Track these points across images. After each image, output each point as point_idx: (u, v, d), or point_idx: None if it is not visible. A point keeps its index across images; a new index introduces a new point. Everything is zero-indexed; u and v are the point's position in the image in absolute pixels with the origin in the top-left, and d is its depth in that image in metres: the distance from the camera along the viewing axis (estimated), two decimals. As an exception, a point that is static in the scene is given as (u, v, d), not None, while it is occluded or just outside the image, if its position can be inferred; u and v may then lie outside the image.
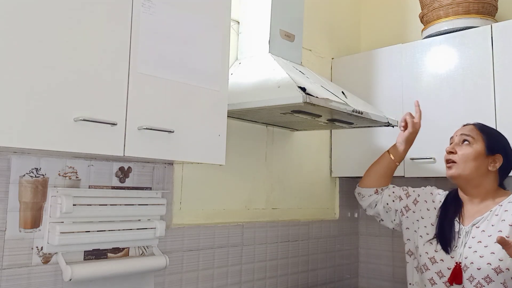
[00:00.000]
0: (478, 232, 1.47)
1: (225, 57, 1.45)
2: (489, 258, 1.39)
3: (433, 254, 1.52)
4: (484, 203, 1.51)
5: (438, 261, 1.49)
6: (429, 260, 1.52)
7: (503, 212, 1.46)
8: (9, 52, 1.00)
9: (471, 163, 1.49)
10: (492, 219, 1.46)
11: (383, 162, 1.79)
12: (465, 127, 1.58)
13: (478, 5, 2.06)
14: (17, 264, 1.28)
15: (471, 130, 1.54)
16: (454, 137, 1.58)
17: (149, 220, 1.54)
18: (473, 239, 1.46)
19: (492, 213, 1.48)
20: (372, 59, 2.34)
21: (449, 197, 1.63)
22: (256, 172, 2.04)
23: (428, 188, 1.72)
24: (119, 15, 1.18)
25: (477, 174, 1.50)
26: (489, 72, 1.93)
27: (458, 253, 1.46)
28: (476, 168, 1.49)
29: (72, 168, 1.41)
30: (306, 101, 1.46)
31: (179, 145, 1.30)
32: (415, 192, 1.73)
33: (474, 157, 1.49)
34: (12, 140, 1.00)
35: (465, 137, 1.53)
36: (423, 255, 1.55)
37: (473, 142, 1.51)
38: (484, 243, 1.43)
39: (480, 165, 1.50)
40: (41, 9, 1.05)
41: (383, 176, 1.78)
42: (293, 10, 1.97)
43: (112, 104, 1.16)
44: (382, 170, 1.78)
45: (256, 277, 1.96)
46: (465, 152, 1.50)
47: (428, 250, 1.54)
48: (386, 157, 1.79)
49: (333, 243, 2.39)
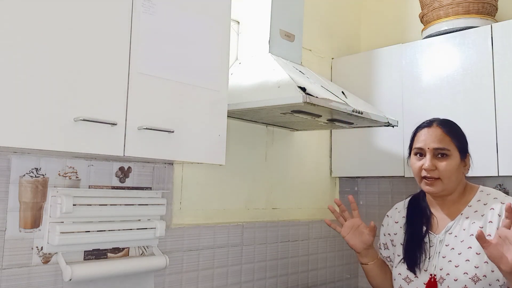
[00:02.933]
0: (451, 239, 1.38)
1: (225, 57, 1.45)
2: (465, 267, 1.32)
3: (406, 273, 1.42)
4: (455, 206, 1.43)
5: (413, 279, 1.41)
6: (404, 281, 1.43)
7: (473, 213, 1.39)
8: (9, 52, 1.00)
9: (454, 176, 1.39)
10: (464, 223, 1.38)
11: (372, 270, 1.57)
12: (432, 135, 1.41)
13: (478, 5, 2.06)
14: (17, 264, 1.28)
15: (443, 140, 1.40)
16: (425, 149, 1.41)
17: (149, 220, 1.54)
18: (447, 247, 1.38)
19: (462, 216, 1.40)
20: (372, 59, 2.34)
21: (411, 207, 1.53)
22: (256, 172, 2.04)
23: (386, 218, 1.62)
24: (119, 15, 1.18)
25: (457, 182, 1.42)
26: (489, 72, 1.93)
27: (432, 264, 1.38)
28: (457, 178, 1.40)
29: (72, 168, 1.41)
30: (306, 101, 1.46)
31: (179, 145, 1.30)
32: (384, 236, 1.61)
33: (456, 169, 1.39)
34: (12, 140, 1.00)
35: (440, 151, 1.39)
36: (397, 278, 1.45)
37: (450, 153, 1.38)
38: (458, 250, 1.35)
39: (459, 173, 1.41)
40: (41, 9, 1.05)
41: (384, 280, 1.57)
42: (293, 10, 1.97)
43: (112, 104, 1.16)
44: (379, 275, 1.57)
45: (256, 277, 1.96)
46: (447, 168, 1.37)
47: (401, 270, 1.44)
48: (369, 268, 1.57)
49: (333, 243, 2.39)
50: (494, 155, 1.87)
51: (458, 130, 1.45)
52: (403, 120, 2.14)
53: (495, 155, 1.87)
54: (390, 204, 1.77)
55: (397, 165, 2.16)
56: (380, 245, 1.63)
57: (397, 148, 2.17)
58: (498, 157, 1.86)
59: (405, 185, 2.42)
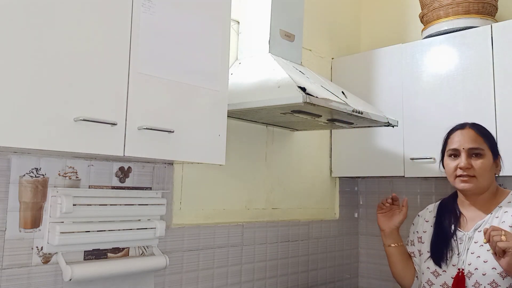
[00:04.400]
0: (480, 236, 1.44)
1: (225, 57, 1.45)
2: (493, 263, 1.36)
3: (434, 267, 1.49)
4: (486, 206, 1.50)
5: (441, 273, 1.47)
6: (432, 274, 1.49)
7: (503, 213, 1.45)
8: (9, 52, 1.00)
9: (488, 174, 1.48)
10: (493, 221, 1.45)
11: (394, 255, 1.65)
12: (466, 136, 1.50)
13: (478, 5, 2.06)
14: (17, 264, 1.28)
15: (476, 140, 1.48)
16: (460, 149, 1.48)
17: (149, 220, 1.54)
18: (476, 244, 1.44)
19: (492, 215, 1.46)
20: (372, 59, 2.34)
21: (441, 208, 1.60)
22: (256, 172, 2.04)
23: (416, 217, 1.68)
24: (119, 15, 1.18)
25: (490, 182, 1.50)
26: (489, 72, 1.93)
27: (461, 260, 1.44)
28: (491, 177, 1.49)
29: (72, 168, 1.41)
30: (306, 101, 1.46)
31: (179, 145, 1.30)
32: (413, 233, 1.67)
33: (489, 168, 1.48)
34: (12, 140, 1.00)
35: (475, 151, 1.47)
36: (425, 271, 1.52)
37: (484, 152, 1.47)
38: (487, 247, 1.40)
39: (492, 173, 1.50)
40: (41, 9, 1.05)
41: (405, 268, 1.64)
42: (293, 10, 1.97)
43: (112, 104, 1.16)
44: (400, 261, 1.64)
45: (256, 277, 1.96)
46: (482, 166, 1.46)
47: (429, 265, 1.51)
48: (391, 250, 1.65)
49: (333, 243, 2.39)
50: (494, 155, 1.87)
51: (489, 132, 1.54)
52: (403, 120, 2.14)
53: (495, 155, 1.87)
54: (390, 204, 1.77)
55: (397, 165, 2.16)
56: (407, 241, 1.69)
57: (397, 148, 2.17)
58: (498, 157, 1.86)
59: (405, 185, 2.42)
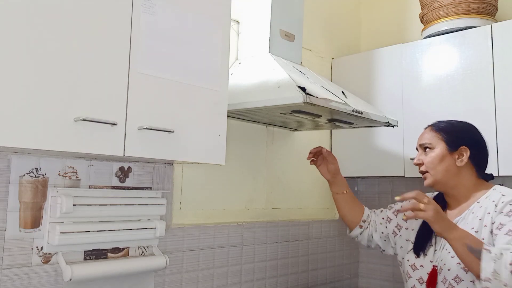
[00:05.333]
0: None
1: (225, 57, 1.45)
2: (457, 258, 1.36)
3: (413, 261, 1.51)
4: (467, 202, 1.49)
5: (419, 267, 1.49)
6: (410, 267, 1.52)
7: (478, 209, 1.43)
8: (9, 52, 1.00)
9: (439, 167, 1.48)
10: (469, 217, 1.44)
11: (340, 202, 1.78)
12: (422, 135, 1.57)
13: (478, 5, 2.06)
14: (17, 264, 1.28)
15: (429, 136, 1.53)
16: (418, 147, 1.57)
17: (149, 220, 1.54)
18: None
19: (469, 211, 1.45)
20: (372, 59, 2.34)
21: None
22: (256, 172, 2.04)
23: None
24: (119, 15, 1.18)
25: (449, 174, 1.48)
26: (489, 72, 1.93)
27: (436, 256, 1.46)
28: (446, 169, 1.48)
29: (72, 168, 1.41)
30: (306, 101, 1.46)
31: (179, 145, 1.30)
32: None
33: (440, 159, 1.48)
34: (12, 140, 1.00)
35: (425, 146, 1.53)
36: (405, 263, 1.55)
37: (433, 146, 1.50)
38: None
39: (448, 165, 1.48)
40: (41, 9, 1.05)
41: (351, 209, 1.77)
42: (293, 10, 1.97)
43: (112, 104, 1.16)
44: (345, 207, 1.77)
45: (256, 277, 1.96)
46: (429, 159, 1.50)
47: (410, 257, 1.53)
48: (337, 197, 1.78)
49: (333, 243, 2.39)
50: (494, 155, 1.87)
51: (452, 125, 1.54)
52: (403, 120, 2.14)
53: (495, 155, 1.87)
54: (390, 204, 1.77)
55: (397, 165, 2.16)
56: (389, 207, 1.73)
57: (397, 148, 2.17)
58: (498, 157, 1.86)
59: (405, 185, 2.42)
